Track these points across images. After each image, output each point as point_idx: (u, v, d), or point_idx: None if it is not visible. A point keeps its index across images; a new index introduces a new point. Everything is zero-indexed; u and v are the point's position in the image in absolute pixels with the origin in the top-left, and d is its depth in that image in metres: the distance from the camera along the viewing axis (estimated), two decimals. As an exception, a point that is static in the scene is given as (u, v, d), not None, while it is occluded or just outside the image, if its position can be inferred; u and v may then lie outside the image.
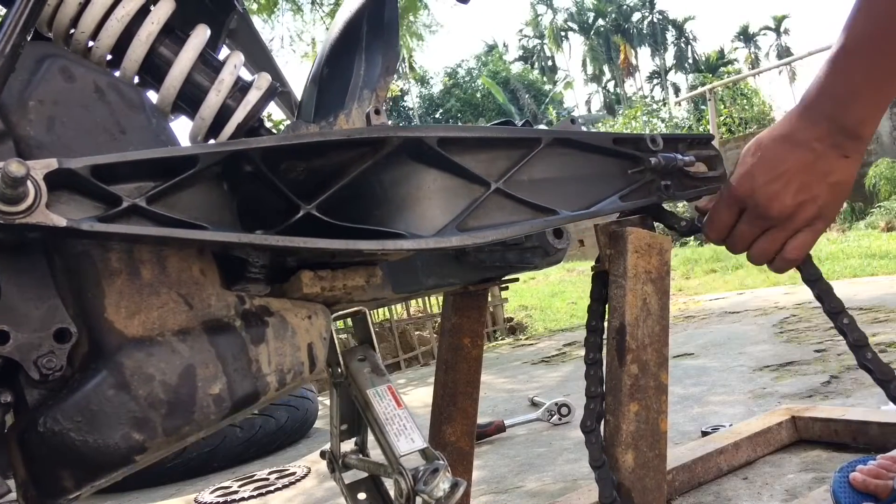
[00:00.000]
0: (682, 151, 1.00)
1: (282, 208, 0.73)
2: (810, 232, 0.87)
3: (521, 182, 0.87)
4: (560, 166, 0.92)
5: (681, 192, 0.99)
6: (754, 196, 0.86)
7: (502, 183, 0.85)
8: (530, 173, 0.89)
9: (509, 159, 0.87)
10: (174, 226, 0.63)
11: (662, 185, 0.97)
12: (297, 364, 0.74)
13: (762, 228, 0.88)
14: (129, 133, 0.72)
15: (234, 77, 0.86)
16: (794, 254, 0.88)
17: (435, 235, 0.78)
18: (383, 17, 0.93)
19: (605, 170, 0.95)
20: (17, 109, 0.66)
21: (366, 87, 0.89)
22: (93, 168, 0.60)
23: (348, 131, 0.78)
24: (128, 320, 0.65)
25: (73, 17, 0.80)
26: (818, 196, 0.84)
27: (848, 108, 0.81)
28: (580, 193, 0.92)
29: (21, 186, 0.54)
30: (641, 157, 0.96)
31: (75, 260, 0.65)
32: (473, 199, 0.83)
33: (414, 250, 0.75)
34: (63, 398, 0.62)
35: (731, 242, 0.92)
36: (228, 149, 0.68)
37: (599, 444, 0.92)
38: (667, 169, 0.97)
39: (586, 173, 0.94)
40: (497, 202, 0.85)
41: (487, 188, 0.84)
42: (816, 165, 0.83)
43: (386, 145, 0.76)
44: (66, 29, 0.81)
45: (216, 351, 0.68)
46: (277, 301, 0.75)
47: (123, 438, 0.62)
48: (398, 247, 0.74)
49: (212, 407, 0.66)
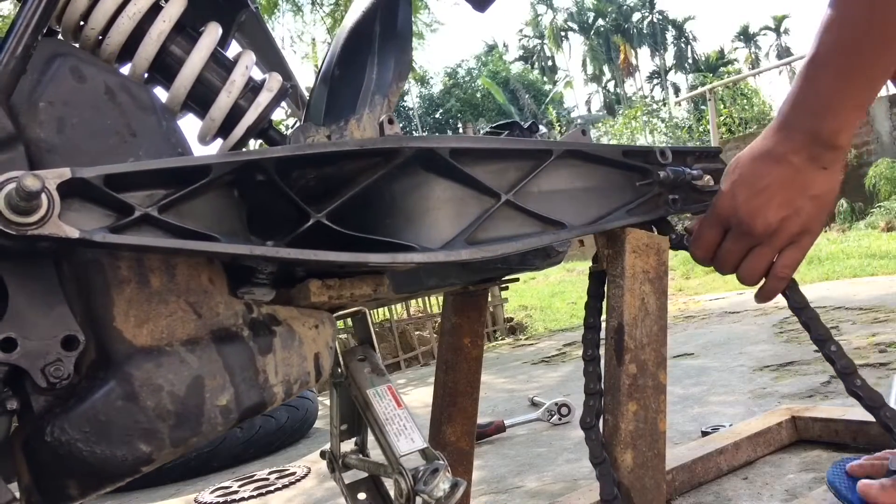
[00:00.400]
0: (690, 165, 1.00)
1: (292, 216, 0.72)
2: (797, 248, 0.87)
3: (530, 194, 0.87)
4: (569, 178, 0.92)
5: (688, 206, 0.99)
6: (737, 214, 0.86)
7: (512, 195, 0.85)
8: (539, 185, 0.88)
9: (520, 171, 0.87)
10: (185, 236, 0.63)
11: (670, 199, 0.97)
12: (304, 374, 0.74)
13: (748, 246, 0.88)
14: (139, 135, 0.71)
15: (246, 78, 0.85)
16: (785, 272, 0.89)
17: (444, 248, 0.78)
18: (397, 20, 0.92)
19: (613, 182, 0.95)
20: (27, 111, 0.66)
21: (377, 92, 0.88)
22: (106, 177, 0.60)
23: (362, 141, 0.78)
24: (137, 329, 0.64)
25: (83, 12, 0.78)
26: (801, 209, 0.84)
27: (821, 118, 0.81)
28: (588, 206, 0.92)
29: (35, 199, 0.54)
30: (650, 170, 0.96)
31: (84, 268, 0.64)
32: (483, 210, 0.83)
33: (424, 264, 0.75)
34: (71, 407, 0.62)
35: (719, 262, 0.92)
36: (242, 159, 0.68)
37: (599, 440, 0.92)
38: (675, 182, 0.97)
39: (595, 185, 0.94)
40: (506, 214, 0.85)
41: (497, 200, 0.84)
42: (796, 179, 0.83)
43: (398, 156, 0.76)
44: (76, 24, 0.79)
45: (224, 361, 0.68)
46: (285, 309, 0.75)
47: (131, 450, 0.62)
48: (408, 260, 0.74)
49: (219, 418, 0.66)
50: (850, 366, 0.91)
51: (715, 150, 1.03)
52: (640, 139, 16.39)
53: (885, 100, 10.08)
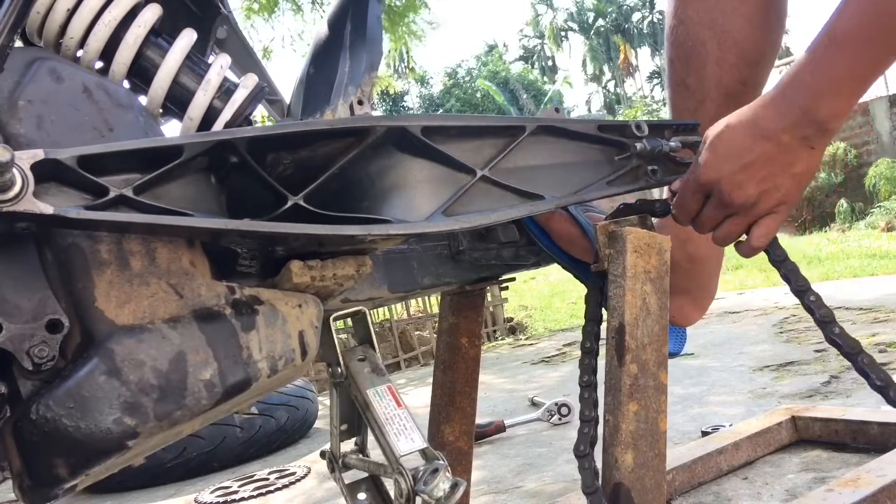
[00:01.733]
0: (668, 137, 1.01)
1: (270, 200, 0.73)
2: (773, 218, 0.89)
3: (507, 170, 0.88)
4: (546, 154, 0.93)
5: (668, 177, 1.00)
6: (720, 184, 0.88)
7: (488, 170, 0.86)
8: (516, 161, 0.89)
9: (494, 147, 0.88)
10: (161, 214, 0.64)
11: (649, 170, 0.98)
12: (288, 351, 0.75)
13: (725, 214, 0.90)
14: (116, 130, 0.73)
15: (221, 77, 0.87)
16: (760, 241, 0.90)
17: (422, 221, 0.79)
18: (366, 15, 0.94)
19: (591, 157, 0.97)
20: (7, 109, 0.68)
21: (351, 83, 0.90)
22: (79, 159, 0.61)
23: (332, 121, 0.80)
24: (118, 309, 0.65)
25: (62, 24, 0.82)
26: (781, 185, 0.86)
27: (823, 99, 0.81)
28: (567, 180, 0.93)
29: (7, 173, 0.55)
30: (627, 144, 0.97)
31: (65, 251, 0.65)
32: (460, 186, 0.84)
33: (401, 234, 0.76)
34: (55, 386, 0.63)
35: (698, 224, 0.94)
36: (213, 139, 0.69)
37: (593, 469, 0.92)
38: (653, 154, 0.98)
39: (572, 160, 0.95)
40: (483, 189, 0.86)
41: (473, 176, 0.85)
42: (782, 157, 0.84)
43: (370, 134, 0.77)
44: (56, 37, 0.82)
45: (206, 338, 0.68)
46: (268, 291, 0.76)
47: (115, 423, 0.63)
48: (385, 231, 0.75)
49: (203, 392, 0.67)
50: (828, 315, 0.92)
51: (693, 124, 1.04)
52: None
53: (885, 100, 10.07)
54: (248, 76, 0.90)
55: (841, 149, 10.06)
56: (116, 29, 0.82)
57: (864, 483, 1.24)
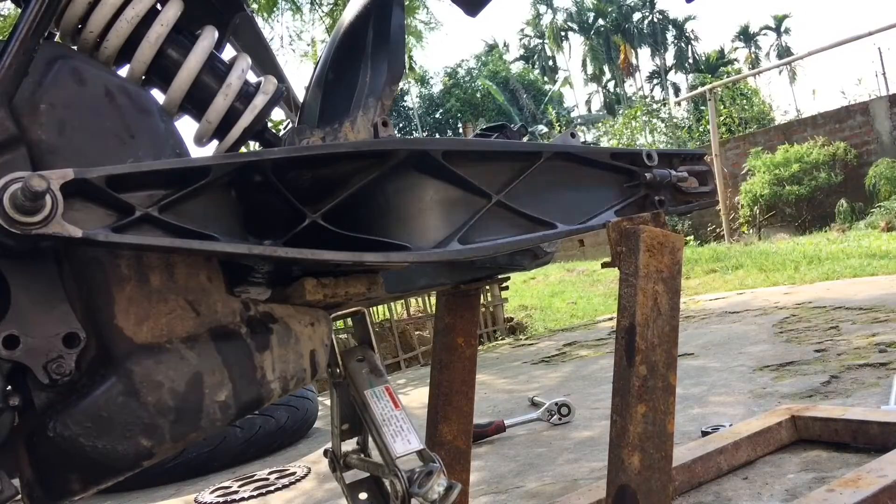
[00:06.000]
0: (676, 167, 1.04)
1: (288, 217, 0.74)
2: None
3: (520, 194, 0.89)
4: (558, 179, 0.94)
5: (674, 206, 1.02)
6: None
7: (503, 196, 0.87)
8: (529, 186, 0.90)
9: (511, 171, 0.89)
10: (185, 235, 0.64)
11: (657, 200, 1.00)
12: (300, 371, 0.75)
13: None
14: (137, 137, 0.72)
15: (242, 81, 0.86)
16: None
17: (436, 248, 0.79)
18: (390, 24, 0.93)
19: (601, 183, 0.98)
20: (29, 112, 0.67)
21: (371, 95, 0.90)
22: (108, 178, 0.61)
23: (357, 143, 0.80)
24: (137, 327, 0.65)
25: (81, 15, 0.79)
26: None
27: None
28: (577, 206, 0.95)
29: (40, 200, 0.55)
30: (637, 172, 0.99)
31: (85, 267, 0.65)
32: (474, 210, 0.85)
33: (418, 263, 0.77)
34: (72, 403, 0.63)
35: None
36: (241, 160, 0.69)
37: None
38: (661, 184, 1.00)
39: (583, 186, 0.96)
40: (497, 214, 0.87)
41: (488, 200, 0.86)
42: None
43: (393, 157, 0.78)
44: (74, 27, 0.80)
45: (223, 358, 0.69)
46: (281, 307, 0.76)
47: (132, 444, 0.63)
48: (402, 259, 0.75)
49: (217, 413, 0.68)
50: None
51: (700, 153, 1.06)
52: (639, 139, 16.39)
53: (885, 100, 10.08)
54: (268, 79, 0.89)
55: (841, 149, 10.05)
56: (138, 25, 0.80)
57: (865, 483, 1.24)
